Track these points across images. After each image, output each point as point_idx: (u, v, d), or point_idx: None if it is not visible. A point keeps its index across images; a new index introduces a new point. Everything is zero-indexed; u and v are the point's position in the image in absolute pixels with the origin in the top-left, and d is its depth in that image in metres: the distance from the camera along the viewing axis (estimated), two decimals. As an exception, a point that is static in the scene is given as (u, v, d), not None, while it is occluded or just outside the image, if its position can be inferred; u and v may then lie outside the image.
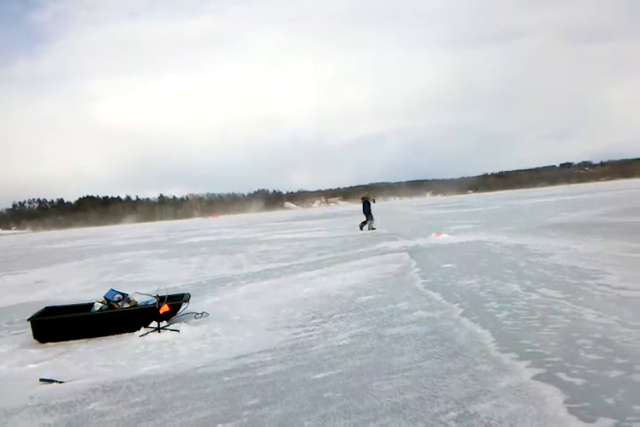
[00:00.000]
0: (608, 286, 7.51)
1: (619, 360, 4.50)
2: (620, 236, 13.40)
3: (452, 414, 3.74)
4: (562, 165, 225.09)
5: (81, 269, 17.88)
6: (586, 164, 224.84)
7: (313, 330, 6.64)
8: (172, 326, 7.07)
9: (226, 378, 5.08)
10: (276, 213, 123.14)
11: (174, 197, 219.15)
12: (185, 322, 7.38)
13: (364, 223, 25.61)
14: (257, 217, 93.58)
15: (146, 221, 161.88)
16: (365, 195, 27.19)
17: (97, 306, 7.70)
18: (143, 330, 7.03)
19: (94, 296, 9.22)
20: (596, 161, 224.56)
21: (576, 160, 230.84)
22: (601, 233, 14.42)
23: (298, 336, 6.40)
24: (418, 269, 10.80)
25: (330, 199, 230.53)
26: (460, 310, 6.85)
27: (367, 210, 25.63)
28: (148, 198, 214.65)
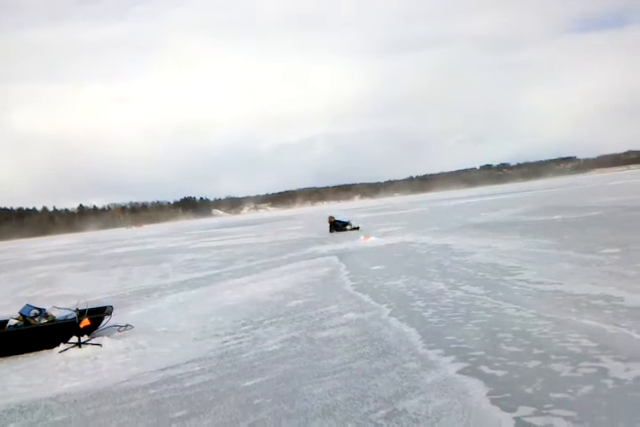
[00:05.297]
0: (525, 281, 7.88)
1: (536, 351, 4.71)
2: (535, 233, 14.11)
3: (382, 412, 3.78)
4: (482, 167, 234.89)
5: (-6, 286, 16.80)
6: (504, 165, 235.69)
7: (242, 337, 6.54)
8: (93, 341, 6.76)
9: (152, 391, 4.90)
10: (204, 221, 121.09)
11: (95, 207, 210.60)
12: (108, 336, 7.07)
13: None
14: (184, 225, 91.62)
15: (65, 232, 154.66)
16: (331, 218, 25.06)
17: (12, 322, 7.26)
18: (63, 346, 6.69)
19: (9, 313, 8.67)
20: (513, 163, 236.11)
21: (495, 162, 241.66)
22: (518, 231, 15.14)
23: (227, 344, 6.29)
24: (347, 272, 10.90)
25: (259, 205, 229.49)
26: (389, 311, 6.97)
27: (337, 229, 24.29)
28: (66, 209, 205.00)
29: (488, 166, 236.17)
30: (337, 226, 24.57)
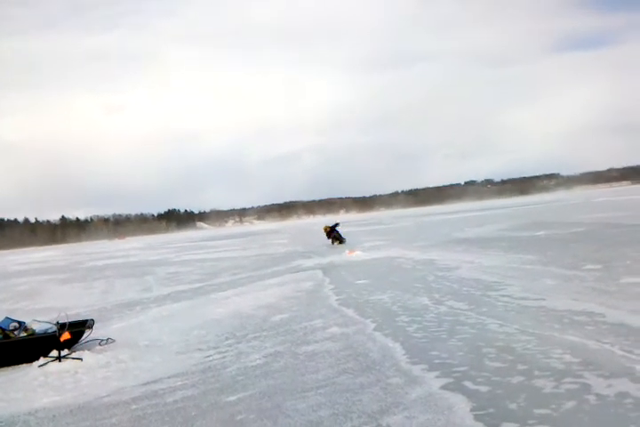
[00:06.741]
0: (509, 296, 7.92)
1: (520, 367, 4.72)
2: (519, 249, 14.22)
3: (366, 428, 3.76)
4: (466, 183, 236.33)
5: (-28, 298, 16.49)
6: (488, 181, 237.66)
7: (226, 351, 6.48)
8: (74, 355, 6.65)
9: (133, 406, 4.83)
10: (188, 234, 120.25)
11: (77, 218, 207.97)
12: (88, 350, 6.97)
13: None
14: (167, 238, 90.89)
15: (46, 244, 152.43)
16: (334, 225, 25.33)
17: (-10, 336, 7.12)
18: (42, 360, 6.57)
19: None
20: (497, 179, 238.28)
21: (479, 178, 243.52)
22: (502, 247, 15.24)
23: (210, 359, 6.23)
24: (331, 286, 10.88)
25: (244, 218, 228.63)
26: (373, 325, 6.96)
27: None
28: (48, 221, 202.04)
29: (472, 182, 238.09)
30: (334, 233, 24.37)
